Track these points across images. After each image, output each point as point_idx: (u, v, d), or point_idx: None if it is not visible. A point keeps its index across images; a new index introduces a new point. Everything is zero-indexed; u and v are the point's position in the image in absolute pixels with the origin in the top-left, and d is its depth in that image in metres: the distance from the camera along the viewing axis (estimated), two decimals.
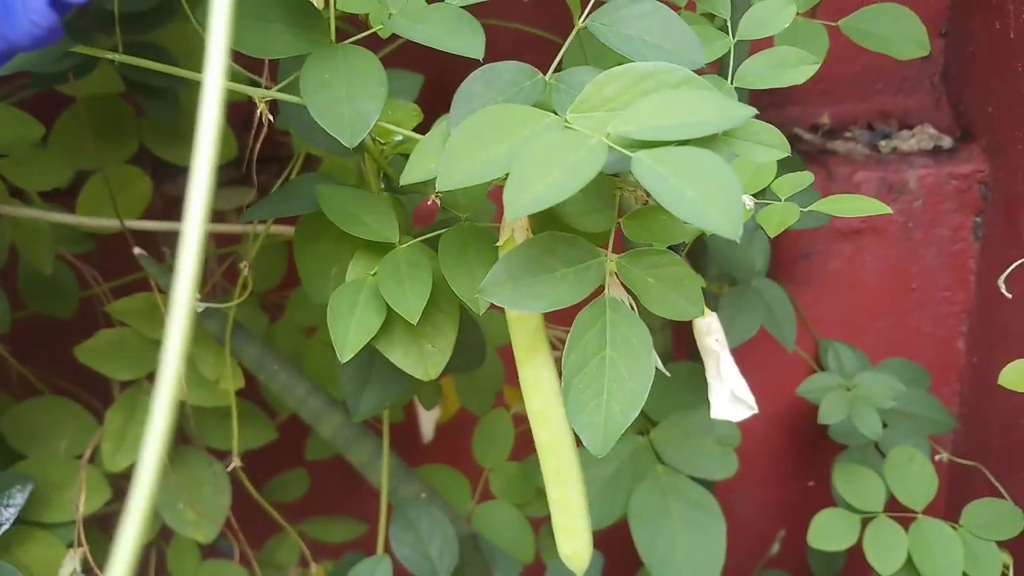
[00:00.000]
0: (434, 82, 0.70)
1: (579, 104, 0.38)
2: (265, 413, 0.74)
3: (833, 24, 0.70)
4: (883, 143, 0.94)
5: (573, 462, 0.44)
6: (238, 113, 0.66)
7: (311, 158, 0.63)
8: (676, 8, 0.45)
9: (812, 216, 0.53)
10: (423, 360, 0.47)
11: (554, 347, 0.48)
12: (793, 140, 0.97)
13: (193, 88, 0.62)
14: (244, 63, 0.58)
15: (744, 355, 0.65)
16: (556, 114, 0.38)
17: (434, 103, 0.47)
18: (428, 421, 0.86)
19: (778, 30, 0.44)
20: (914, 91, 0.95)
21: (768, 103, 0.95)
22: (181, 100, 0.64)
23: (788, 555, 0.94)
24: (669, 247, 0.40)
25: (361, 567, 0.59)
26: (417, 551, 0.61)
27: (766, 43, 0.53)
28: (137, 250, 0.54)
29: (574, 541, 0.45)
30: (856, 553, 0.73)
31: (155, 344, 0.63)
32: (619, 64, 0.38)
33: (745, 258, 0.68)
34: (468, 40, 0.42)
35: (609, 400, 0.36)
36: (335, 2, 0.43)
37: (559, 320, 0.45)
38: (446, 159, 0.36)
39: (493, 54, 0.42)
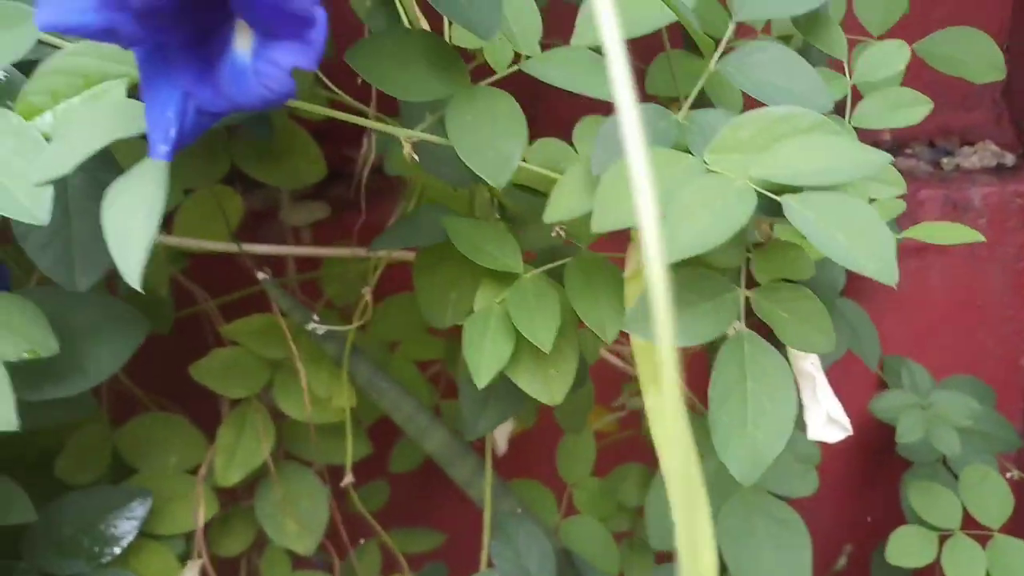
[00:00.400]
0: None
1: (716, 146, 0.40)
2: (361, 429, 0.77)
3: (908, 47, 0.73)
4: (945, 160, 0.96)
5: (700, 487, 0.46)
6: (310, 128, 0.69)
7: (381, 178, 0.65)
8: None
9: None
10: (548, 385, 0.50)
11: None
12: None
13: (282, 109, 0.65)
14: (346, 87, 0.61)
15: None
16: (691, 154, 0.41)
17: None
18: (502, 435, 0.88)
19: (894, 72, 0.46)
20: (975, 108, 0.97)
21: None
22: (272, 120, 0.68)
23: (854, 570, 0.96)
24: None
25: None
26: (516, 565, 0.64)
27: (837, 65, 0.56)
28: (261, 275, 0.57)
29: (700, 562, 0.47)
30: (920, 570, 0.75)
31: (267, 363, 0.66)
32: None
33: (831, 280, 0.71)
34: (599, 82, 0.45)
35: (753, 431, 0.39)
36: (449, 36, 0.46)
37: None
38: (599, 203, 0.39)
39: None
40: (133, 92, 0.37)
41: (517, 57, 0.46)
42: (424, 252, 0.54)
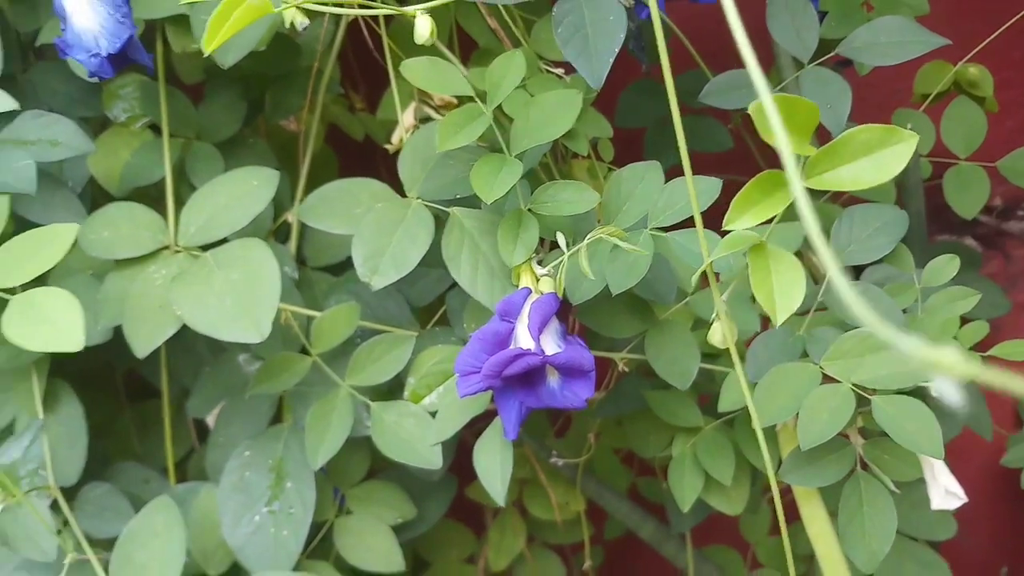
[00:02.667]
0: None
1: (830, 355, 0.67)
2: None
3: (991, 165, 0.96)
4: None
5: (842, 563, 0.74)
6: None
7: None
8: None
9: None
10: (730, 500, 0.79)
11: None
12: (971, 224, 1.20)
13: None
14: None
15: None
16: (810, 358, 0.68)
17: None
18: None
19: (947, 279, 0.72)
20: None
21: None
22: None
23: None
24: None
25: None
26: None
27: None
28: None
29: None
30: None
31: (517, 481, 0.97)
32: None
33: None
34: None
35: (870, 539, 0.66)
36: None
37: None
38: (757, 403, 0.67)
39: None
40: None
41: None
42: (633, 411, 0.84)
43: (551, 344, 0.60)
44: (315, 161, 0.87)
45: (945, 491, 0.80)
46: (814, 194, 0.91)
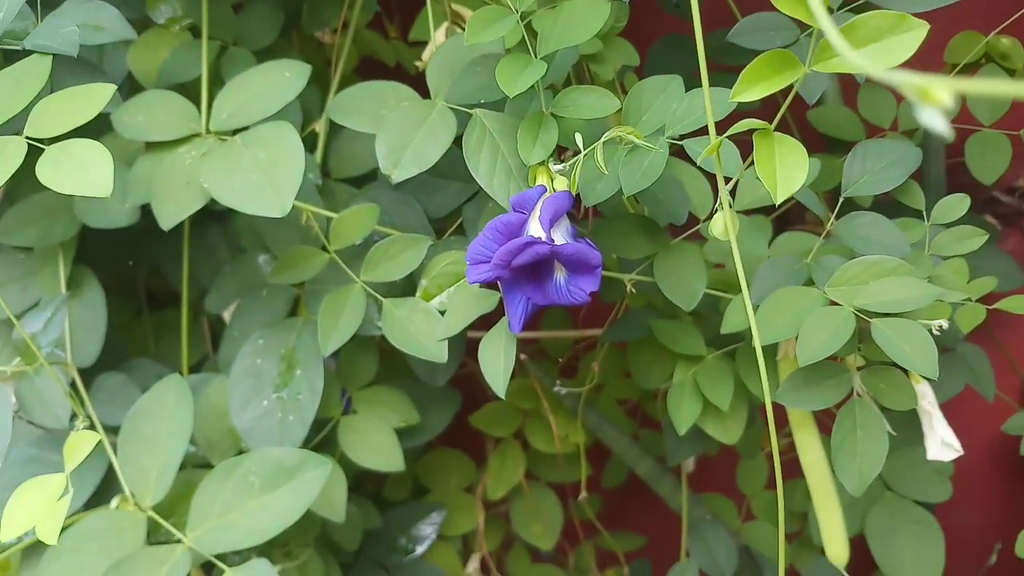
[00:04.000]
0: None
1: (833, 282, 0.69)
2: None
3: (1015, 133, 0.97)
4: None
5: (833, 494, 0.75)
6: None
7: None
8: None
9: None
10: (726, 429, 0.80)
11: None
12: (992, 203, 1.21)
13: None
14: None
15: (966, 394, 0.93)
16: (815, 286, 0.70)
17: None
18: (691, 459, 1.19)
19: (959, 215, 0.73)
20: None
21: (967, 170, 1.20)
22: None
23: (1005, 566, 1.19)
24: None
25: (675, 570, 0.93)
26: (709, 559, 0.94)
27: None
28: (522, 355, 0.91)
29: (836, 546, 0.76)
30: None
31: (521, 412, 1.00)
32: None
33: (952, 332, 0.96)
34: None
35: (861, 462, 0.68)
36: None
37: None
38: (758, 323, 0.68)
39: None
40: None
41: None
42: (637, 339, 0.86)
43: (561, 238, 0.62)
44: (344, 83, 0.90)
45: (942, 442, 0.81)
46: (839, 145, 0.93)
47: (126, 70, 0.83)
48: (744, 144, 0.61)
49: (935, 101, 0.24)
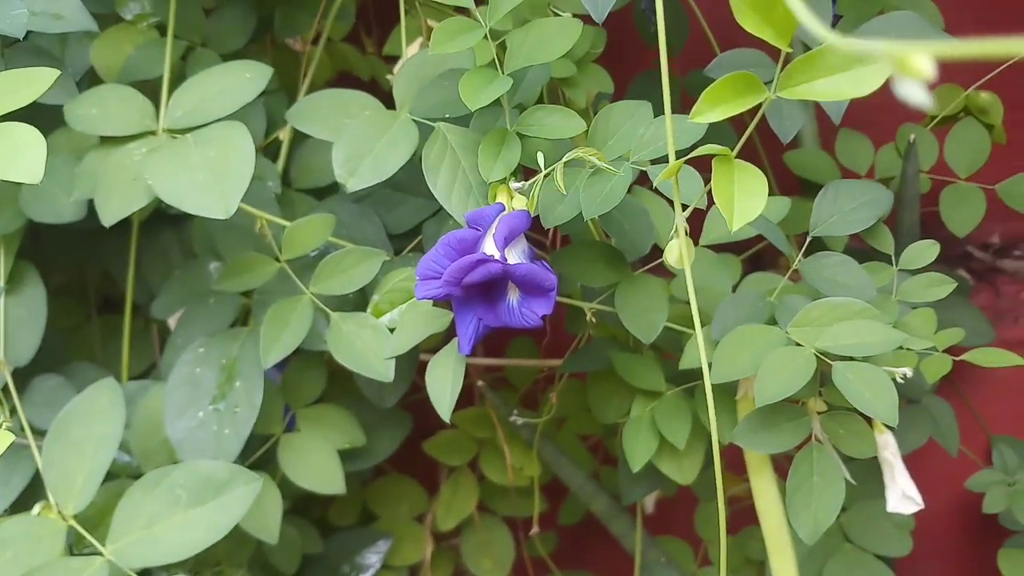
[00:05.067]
0: None
1: (796, 322, 0.67)
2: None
3: (990, 187, 0.96)
4: None
5: (788, 542, 0.73)
6: None
7: None
8: None
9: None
10: (682, 468, 0.78)
11: None
12: (965, 258, 1.20)
13: None
14: None
15: (930, 449, 0.91)
16: (778, 325, 0.68)
17: None
18: (650, 499, 1.16)
19: (926, 263, 0.71)
20: None
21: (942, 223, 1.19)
22: None
23: None
24: None
25: None
26: None
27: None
28: (480, 382, 0.88)
29: None
30: None
31: (476, 441, 0.96)
32: None
33: (917, 383, 0.94)
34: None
35: (816, 508, 0.65)
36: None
37: None
38: (717, 360, 0.66)
39: None
40: None
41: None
42: (598, 371, 0.83)
43: (516, 258, 0.60)
44: (315, 89, 0.88)
45: (903, 494, 0.79)
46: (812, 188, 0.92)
47: (89, 65, 0.81)
48: (708, 175, 0.60)
49: (915, 71, 0.22)
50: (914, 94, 0.22)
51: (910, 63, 0.22)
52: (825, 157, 0.97)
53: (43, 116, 0.62)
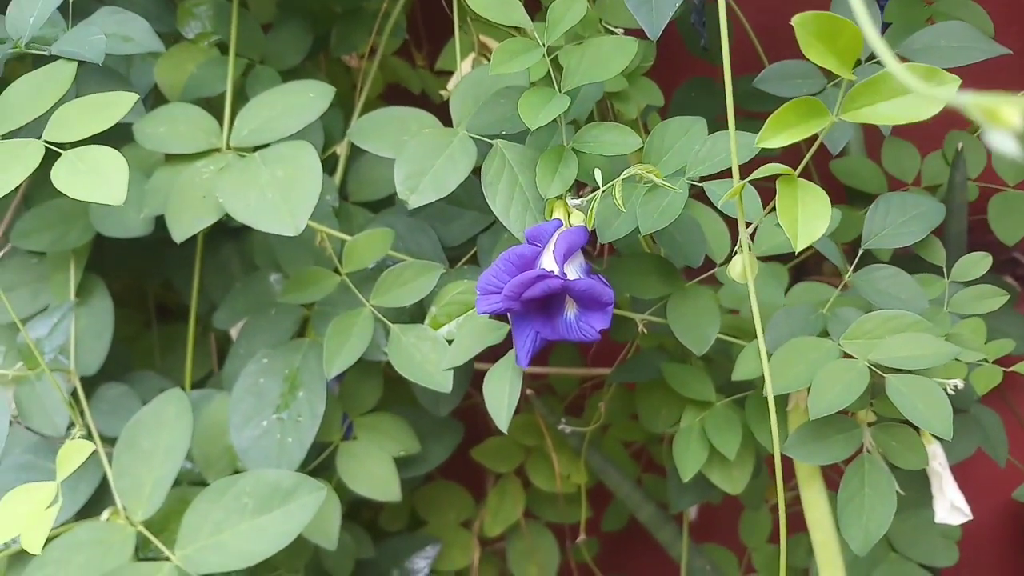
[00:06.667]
0: None
1: (849, 334, 0.67)
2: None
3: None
4: None
5: (838, 553, 0.73)
6: None
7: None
8: None
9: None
10: (731, 478, 0.79)
11: None
12: (1012, 264, 1.19)
13: None
14: None
15: (977, 459, 0.91)
16: (830, 337, 0.68)
17: None
18: (694, 507, 1.17)
19: (979, 274, 0.72)
20: None
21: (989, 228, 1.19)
22: None
23: None
24: None
25: None
26: None
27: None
28: (529, 391, 0.89)
29: None
30: None
31: (524, 448, 0.98)
32: None
33: (966, 392, 0.94)
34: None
35: (867, 520, 0.66)
36: None
37: None
38: (774, 370, 0.67)
39: None
40: None
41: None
42: (647, 381, 0.85)
43: (574, 273, 0.61)
44: (368, 107, 0.90)
45: (951, 505, 0.79)
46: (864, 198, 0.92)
47: (152, 83, 0.83)
48: (762, 190, 0.61)
49: (1004, 122, 0.23)
50: (1004, 144, 0.23)
51: (1000, 115, 0.23)
52: (871, 165, 0.97)
53: (111, 133, 0.64)
